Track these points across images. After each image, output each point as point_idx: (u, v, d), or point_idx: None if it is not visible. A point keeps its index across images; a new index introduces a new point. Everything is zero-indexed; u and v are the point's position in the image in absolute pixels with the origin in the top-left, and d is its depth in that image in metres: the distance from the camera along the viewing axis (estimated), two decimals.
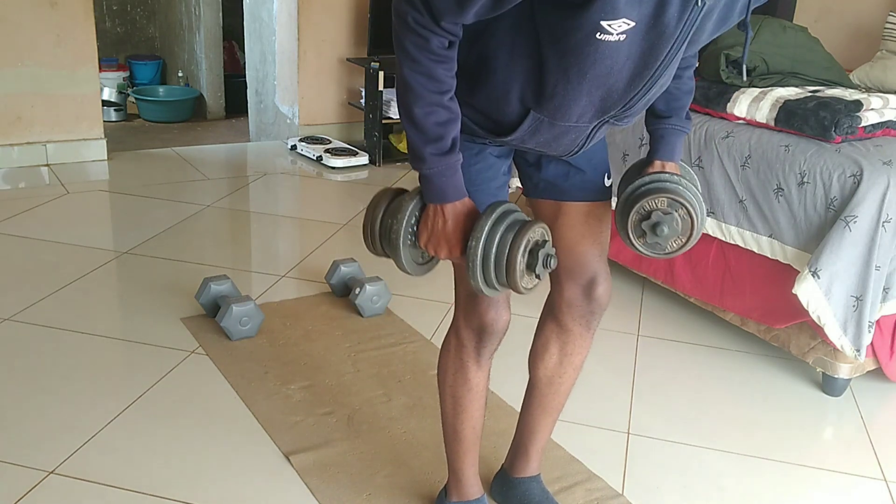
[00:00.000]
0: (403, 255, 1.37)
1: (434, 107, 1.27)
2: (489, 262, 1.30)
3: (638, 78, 1.27)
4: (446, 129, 1.28)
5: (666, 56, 1.25)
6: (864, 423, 2.32)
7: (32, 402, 2.14)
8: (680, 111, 1.55)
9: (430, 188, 1.32)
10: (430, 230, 1.35)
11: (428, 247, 1.37)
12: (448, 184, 1.32)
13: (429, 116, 1.27)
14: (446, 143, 1.29)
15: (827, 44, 3.00)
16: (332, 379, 2.33)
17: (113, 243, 3.25)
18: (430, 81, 1.25)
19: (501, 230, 1.30)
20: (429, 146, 1.28)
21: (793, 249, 2.39)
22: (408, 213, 1.35)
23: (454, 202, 1.33)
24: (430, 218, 1.35)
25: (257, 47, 4.96)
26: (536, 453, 1.81)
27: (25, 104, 3.99)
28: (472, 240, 1.30)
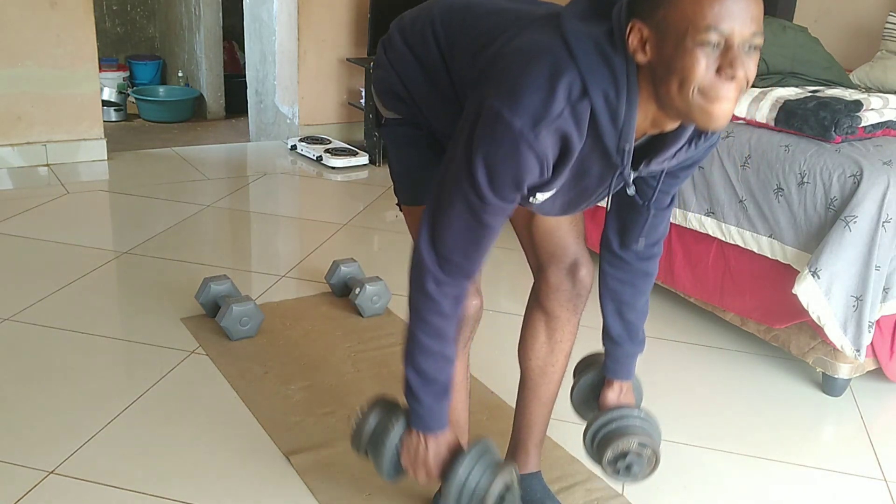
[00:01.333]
0: (386, 473, 1.54)
1: (437, 356, 1.41)
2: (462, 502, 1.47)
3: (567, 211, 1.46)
4: (442, 374, 1.43)
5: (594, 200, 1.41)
6: (864, 423, 2.32)
7: (32, 402, 2.14)
8: (635, 333, 1.65)
9: (418, 418, 1.46)
10: (413, 456, 1.48)
11: (409, 468, 1.50)
12: (435, 419, 1.45)
13: (430, 364, 1.41)
14: (440, 386, 1.43)
15: (827, 44, 3.00)
16: (332, 379, 2.33)
17: (113, 243, 3.25)
18: (442, 321, 1.40)
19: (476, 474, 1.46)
20: (425, 387, 1.42)
21: (793, 249, 2.39)
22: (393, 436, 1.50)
23: (437, 435, 1.46)
24: (413, 444, 1.48)
25: (257, 47, 4.96)
26: (535, 448, 1.81)
27: (25, 104, 3.99)
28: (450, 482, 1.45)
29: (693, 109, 1.14)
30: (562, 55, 1.18)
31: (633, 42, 1.16)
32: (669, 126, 1.25)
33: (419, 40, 1.44)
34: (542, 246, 1.62)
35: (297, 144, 4.65)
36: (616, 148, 1.23)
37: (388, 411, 1.54)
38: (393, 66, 1.48)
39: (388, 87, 1.51)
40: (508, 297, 2.84)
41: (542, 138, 1.18)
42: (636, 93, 1.19)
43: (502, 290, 2.94)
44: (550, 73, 1.17)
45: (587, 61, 1.17)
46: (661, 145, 1.29)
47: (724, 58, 1.11)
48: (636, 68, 1.18)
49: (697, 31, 1.09)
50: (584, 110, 1.18)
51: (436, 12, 1.44)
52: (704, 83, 1.12)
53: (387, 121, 1.55)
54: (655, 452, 1.59)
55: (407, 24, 1.49)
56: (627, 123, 1.20)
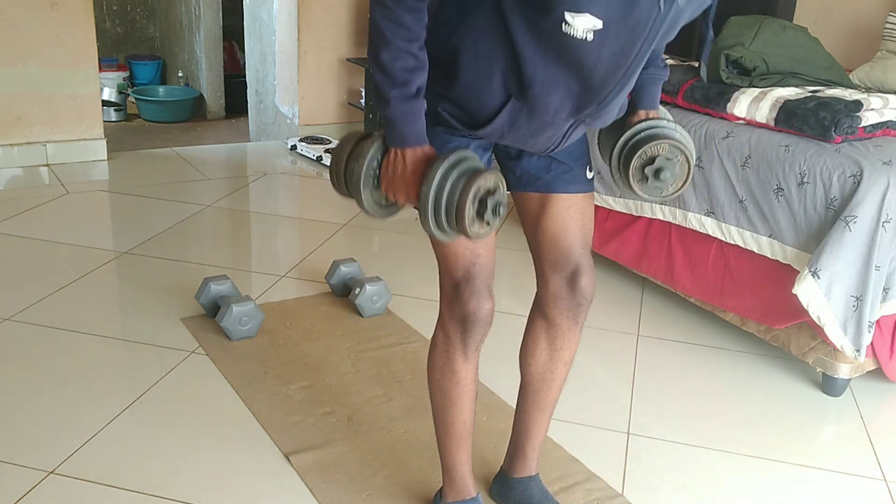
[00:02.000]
0: (364, 196, 1.43)
1: (402, 53, 1.32)
2: (440, 207, 1.35)
3: (610, 76, 1.32)
4: (412, 76, 1.33)
5: (637, 54, 1.29)
6: (864, 423, 2.32)
7: (32, 402, 2.14)
8: (656, 59, 1.57)
9: (393, 131, 1.37)
10: (391, 174, 1.40)
11: (388, 190, 1.42)
12: (410, 128, 1.36)
13: (396, 61, 1.32)
14: (411, 88, 1.34)
15: (827, 44, 3.00)
16: (332, 379, 2.33)
17: (113, 243, 3.25)
18: (399, 29, 1.31)
19: (454, 177, 1.34)
20: (394, 90, 1.33)
21: (793, 249, 2.39)
22: (369, 156, 1.40)
23: (414, 147, 1.38)
24: (390, 162, 1.39)
25: (257, 47, 4.96)
26: (534, 452, 1.81)
27: (25, 104, 3.99)
28: (424, 185, 1.35)
29: None
30: None
31: None
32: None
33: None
34: (546, 252, 1.61)
35: (297, 144, 4.65)
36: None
37: (363, 137, 1.45)
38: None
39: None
40: (509, 297, 2.84)
41: None
42: None
43: (503, 290, 2.93)
44: None
45: None
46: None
47: None
48: None
49: None
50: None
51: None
52: None
53: None
54: (688, 160, 1.47)
55: None
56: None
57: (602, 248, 3.04)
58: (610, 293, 2.97)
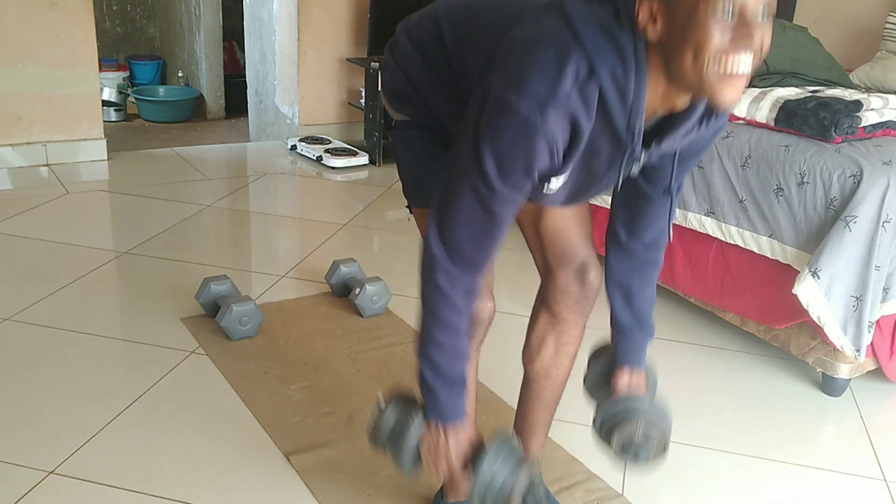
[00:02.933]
0: (406, 468, 1.51)
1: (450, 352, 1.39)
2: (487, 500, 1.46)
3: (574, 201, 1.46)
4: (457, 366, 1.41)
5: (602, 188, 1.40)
6: (864, 423, 2.32)
7: (32, 402, 2.14)
8: (644, 321, 1.64)
9: (436, 410, 1.44)
10: (433, 449, 1.46)
11: (428, 461, 1.48)
12: (452, 408, 1.43)
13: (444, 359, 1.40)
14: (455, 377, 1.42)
15: (827, 44, 3.00)
16: (332, 379, 2.33)
17: (113, 243, 3.25)
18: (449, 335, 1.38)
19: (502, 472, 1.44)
20: (439, 380, 1.41)
21: (793, 249, 2.39)
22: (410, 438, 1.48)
23: (455, 424, 1.44)
24: (432, 437, 1.45)
25: (257, 47, 4.96)
26: (537, 450, 1.81)
27: (25, 104, 3.99)
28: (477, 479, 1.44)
29: (707, 81, 1.12)
30: (567, 39, 1.17)
31: (643, 17, 1.14)
32: (681, 103, 1.23)
33: (425, 39, 1.43)
34: (550, 247, 1.61)
35: (297, 144, 4.65)
36: (626, 127, 1.22)
37: (406, 405, 1.52)
38: (400, 67, 1.48)
39: (395, 89, 1.50)
40: (510, 298, 2.84)
41: (551, 122, 1.16)
42: (645, 70, 1.18)
43: (504, 291, 2.93)
44: (556, 57, 1.16)
45: (593, 42, 1.16)
46: (671, 126, 1.27)
47: (738, 27, 1.09)
48: (644, 45, 1.17)
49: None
50: (592, 91, 1.17)
51: (440, 10, 1.43)
52: (720, 52, 1.10)
53: (396, 123, 1.55)
54: (662, 439, 1.58)
55: (413, 24, 1.48)
56: (637, 101, 1.19)
57: (602, 247, 3.03)
58: None
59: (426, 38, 1.43)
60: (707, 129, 1.33)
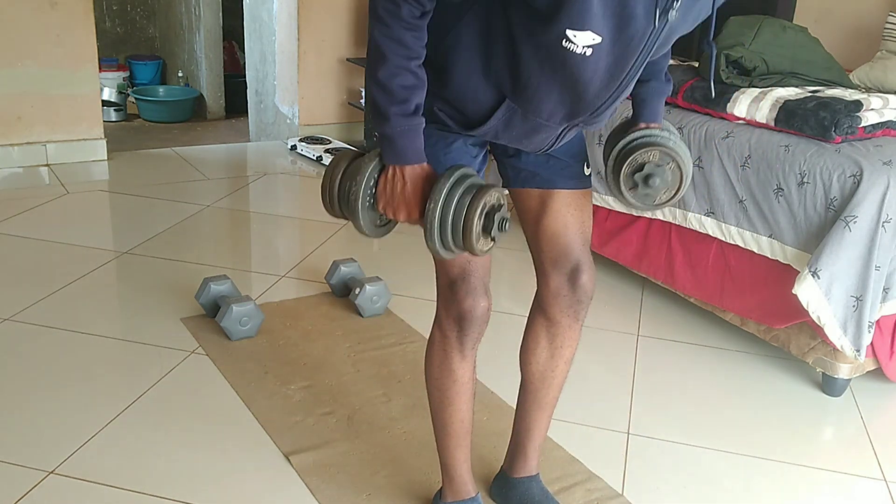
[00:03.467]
0: (362, 217, 1.39)
1: (401, 70, 1.31)
2: (446, 224, 1.33)
3: (605, 89, 1.33)
4: (411, 93, 1.33)
5: (632, 67, 1.31)
6: (864, 423, 2.32)
7: (32, 402, 2.14)
8: (659, 73, 1.57)
9: (392, 149, 1.36)
10: (390, 193, 1.38)
11: (387, 209, 1.39)
12: (409, 146, 1.35)
13: (395, 78, 1.31)
14: (410, 105, 1.33)
15: (827, 44, 3.00)
16: (332, 379, 2.33)
17: (113, 243, 3.25)
18: (399, 46, 1.31)
19: (459, 193, 1.33)
20: (393, 107, 1.32)
21: (793, 249, 2.39)
22: (367, 174, 1.37)
23: (414, 165, 1.36)
24: (389, 180, 1.37)
25: (257, 47, 4.96)
26: (534, 452, 1.81)
27: (25, 104, 3.99)
28: (430, 202, 1.33)
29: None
30: None
31: None
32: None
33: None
34: (546, 250, 1.62)
35: (297, 144, 4.65)
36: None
37: (357, 156, 1.42)
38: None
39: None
40: (509, 298, 2.84)
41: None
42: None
43: (503, 291, 2.94)
44: None
45: None
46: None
47: None
48: None
49: None
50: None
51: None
52: None
53: None
54: (680, 167, 1.46)
55: None
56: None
57: (602, 248, 3.04)
58: (610, 293, 2.97)
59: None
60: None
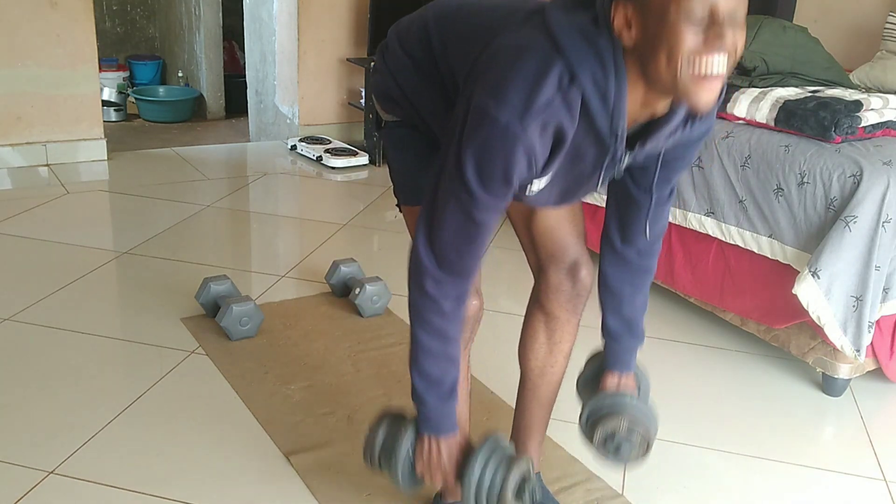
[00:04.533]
0: (402, 482, 1.53)
1: (439, 359, 1.43)
2: (481, 499, 1.47)
3: (563, 202, 1.46)
4: (447, 376, 1.44)
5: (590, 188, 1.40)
6: (864, 423, 2.32)
7: (32, 402, 2.14)
8: (634, 327, 1.65)
9: (427, 423, 1.47)
10: (426, 461, 1.49)
11: (424, 475, 1.51)
12: (445, 421, 1.47)
13: (433, 368, 1.44)
14: (445, 387, 1.45)
15: (827, 44, 3.00)
16: (332, 379, 2.33)
17: (113, 243, 3.25)
18: (438, 339, 1.42)
19: (492, 467, 1.46)
20: (431, 391, 1.44)
21: (793, 249, 2.39)
22: (404, 451, 1.51)
23: (447, 436, 1.47)
24: (425, 450, 1.49)
25: (257, 47, 4.96)
26: (535, 449, 1.81)
27: (25, 104, 3.99)
28: (466, 478, 1.46)
29: (682, 84, 1.13)
30: (548, 49, 1.19)
31: (618, 23, 1.16)
32: (661, 107, 1.25)
33: (414, 44, 1.45)
34: (541, 246, 1.62)
35: (297, 144, 4.65)
36: (609, 130, 1.24)
37: (396, 421, 1.55)
38: (390, 70, 1.50)
39: (385, 91, 1.53)
40: (508, 297, 2.84)
41: (530, 131, 1.18)
42: (624, 74, 1.19)
43: (501, 290, 2.94)
44: (537, 67, 1.18)
45: (573, 49, 1.18)
46: (654, 128, 1.29)
47: (709, 28, 1.11)
48: (622, 50, 1.19)
49: (680, 2, 1.09)
50: (574, 97, 1.19)
51: (430, 15, 1.46)
52: (692, 54, 1.11)
53: (386, 123, 1.57)
54: (646, 436, 1.58)
55: (403, 28, 1.51)
56: (618, 104, 1.21)
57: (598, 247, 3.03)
58: None
59: (415, 42, 1.45)
60: (692, 131, 1.35)
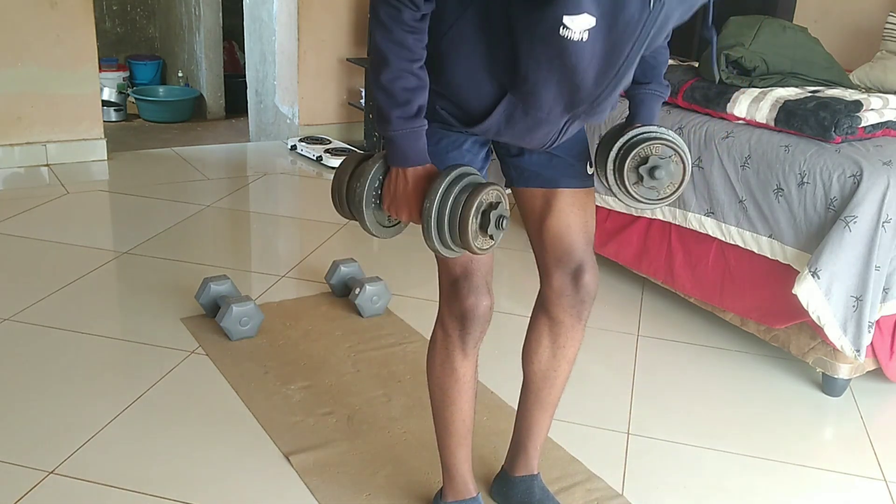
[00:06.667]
0: (367, 216, 1.42)
1: (403, 73, 1.33)
2: (443, 222, 1.35)
3: (603, 76, 1.33)
4: (413, 95, 1.35)
5: (629, 54, 1.31)
6: (864, 423, 2.32)
7: (32, 402, 2.14)
8: (657, 76, 1.58)
9: (394, 151, 1.39)
10: (393, 193, 1.41)
11: (390, 209, 1.42)
12: (411, 148, 1.38)
13: (397, 81, 1.33)
14: (412, 108, 1.35)
15: (827, 44, 3.00)
16: (332, 379, 2.33)
17: (113, 243, 3.25)
18: (401, 49, 1.32)
19: (456, 192, 1.35)
20: (395, 110, 1.35)
21: (793, 249, 2.39)
22: (371, 175, 1.41)
23: (416, 166, 1.39)
24: (392, 181, 1.40)
25: (257, 47, 4.97)
26: (535, 451, 1.81)
27: (25, 104, 3.99)
28: (427, 201, 1.35)
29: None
30: None
31: None
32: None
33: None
34: (550, 249, 1.62)
35: (297, 144, 4.65)
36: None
37: (364, 158, 1.46)
38: None
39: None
40: (509, 298, 2.84)
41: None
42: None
43: (503, 291, 2.94)
44: None
45: None
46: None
47: None
48: None
49: None
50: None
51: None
52: None
53: None
54: (683, 160, 1.48)
55: None
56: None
57: (602, 248, 3.03)
58: (610, 293, 2.97)
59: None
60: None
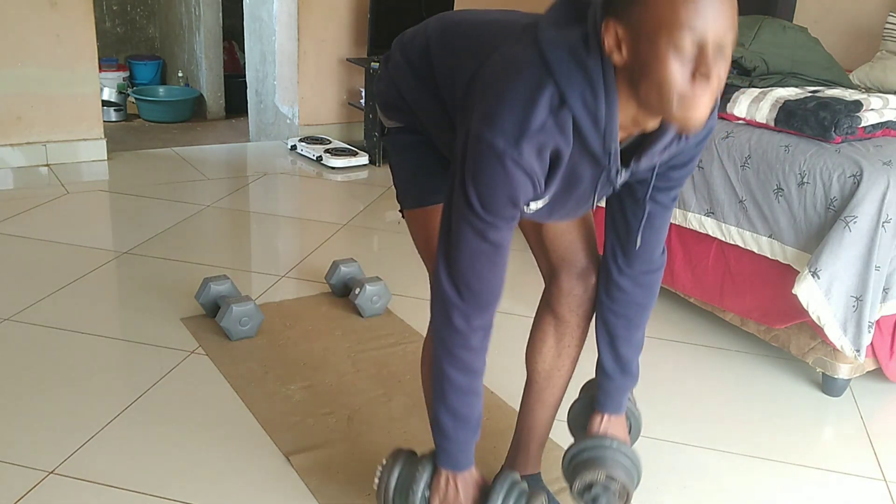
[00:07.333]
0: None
1: (468, 395, 1.44)
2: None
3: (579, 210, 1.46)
4: (475, 411, 1.45)
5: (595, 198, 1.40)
6: (864, 423, 2.32)
7: (32, 402, 2.14)
8: (628, 367, 1.64)
9: (448, 459, 1.48)
10: (443, 497, 1.49)
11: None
12: (463, 455, 1.48)
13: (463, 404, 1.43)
14: (473, 423, 1.46)
15: (827, 44, 3.00)
16: (332, 379, 2.33)
17: (113, 243, 3.25)
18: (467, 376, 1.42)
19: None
20: (460, 428, 1.45)
21: (793, 249, 2.39)
22: (422, 486, 1.49)
23: (464, 472, 1.48)
24: (441, 487, 1.48)
25: (257, 47, 4.96)
26: (537, 450, 1.81)
27: (25, 104, 3.99)
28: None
29: (670, 112, 1.16)
30: (537, 69, 1.20)
31: (609, 42, 1.17)
32: (651, 124, 1.26)
33: (416, 56, 1.48)
34: (553, 250, 1.63)
35: (297, 144, 4.65)
36: (602, 149, 1.25)
37: (410, 459, 1.55)
38: (393, 79, 1.53)
39: (388, 100, 1.55)
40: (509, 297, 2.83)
41: (527, 154, 1.20)
42: (615, 94, 1.20)
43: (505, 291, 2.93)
44: (527, 89, 1.19)
45: (562, 70, 1.19)
46: (648, 143, 1.30)
47: (698, 61, 1.11)
48: (613, 69, 1.19)
49: (671, 30, 1.09)
50: (565, 119, 1.21)
51: (431, 30, 1.48)
52: (681, 90, 1.12)
53: (389, 130, 1.59)
54: (625, 487, 1.58)
55: (406, 40, 1.53)
56: (609, 124, 1.22)
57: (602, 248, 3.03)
58: None
59: (416, 54, 1.47)
60: (688, 144, 1.35)
